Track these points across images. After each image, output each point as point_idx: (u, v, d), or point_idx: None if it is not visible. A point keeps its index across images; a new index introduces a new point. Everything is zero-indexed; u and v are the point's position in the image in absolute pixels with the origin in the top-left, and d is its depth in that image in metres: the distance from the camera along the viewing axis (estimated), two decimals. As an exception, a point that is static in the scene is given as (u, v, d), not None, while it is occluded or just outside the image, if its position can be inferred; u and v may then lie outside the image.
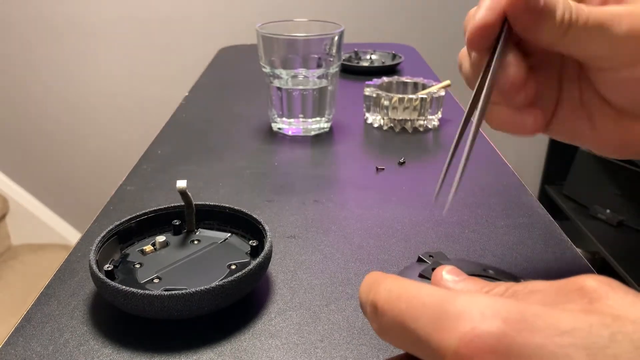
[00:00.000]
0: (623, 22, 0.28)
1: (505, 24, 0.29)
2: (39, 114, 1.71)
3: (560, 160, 1.68)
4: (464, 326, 0.16)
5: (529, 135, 0.33)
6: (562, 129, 0.34)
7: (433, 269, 0.27)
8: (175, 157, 0.60)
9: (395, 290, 0.19)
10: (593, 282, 0.18)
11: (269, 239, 0.37)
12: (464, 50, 0.34)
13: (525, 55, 0.31)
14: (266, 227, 0.38)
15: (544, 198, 1.72)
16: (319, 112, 0.65)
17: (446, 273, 0.23)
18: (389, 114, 0.65)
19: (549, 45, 0.29)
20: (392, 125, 0.67)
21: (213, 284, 0.33)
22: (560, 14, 0.28)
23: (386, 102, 0.65)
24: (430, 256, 0.35)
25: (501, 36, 0.29)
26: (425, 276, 0.33)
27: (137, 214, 0.41)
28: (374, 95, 0.66)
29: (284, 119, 0.65)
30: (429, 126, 0.67)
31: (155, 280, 0.36)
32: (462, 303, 0.17)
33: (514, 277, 0.33)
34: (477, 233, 0.45)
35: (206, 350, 0.32)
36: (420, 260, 0.36)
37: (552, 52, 0.31)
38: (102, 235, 0.37)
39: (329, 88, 0.64)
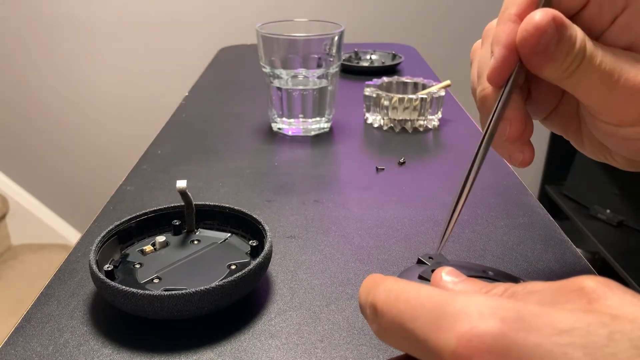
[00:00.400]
0: (633, 83, 0.27)
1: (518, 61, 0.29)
2: (39, 114, 1.71)
3: (560, 160, 1.68)
4: (462, 326, 0.16)
5: (518, 167, 0.34)
6: (554, 126, 0.36)
7: (432, 271, 0.27)
8: (175, 157, 0.60)
9: (394, 291, 0.19)
10: (592, 283, 0.18)
11: (269, 239, 0.37)
12: (478, 44, 0.34)
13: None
14: (266, 227, 0.38)
15: (544, 198, 1.72)
16: (319, 112, 0.65)
17: (445, 274, 0.22)
18: (389, 114, 0.65)
19: (554, 82, 0.29)
20: (392, 125, 0.67)
21: (213, 284, 0.33)
22: (571, 58, 0.27)
23: (386, 102, 0.65)
24: (429, 258, 0.35)
25: (513, 73, 0.29)
26: (424, 278, 0.33)
27: (137, 214, 0.41)
28: (374, 95, 0.66)
29: (284, 119, 0.65)
30: (429, 126, 0.67)
31: (155, 281, 0.36)
32: (461, 303, 0.17)
33: (514, 279, 0.33)
34: (477, 233, 0.45)
35: (206, 350, 0.32)
36: (419, 262, 0.36)
37: None
38: (102, 235, 0.37)
39: (329, 88, 0.64)
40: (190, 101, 0.79)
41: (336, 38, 0.61)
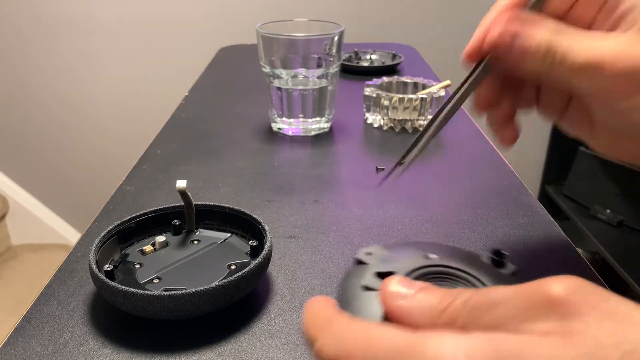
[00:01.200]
0: (617, 62, 0.27)
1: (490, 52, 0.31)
2: (39, 114, 1.71)
3: (560, 160, 1.68)
4: None
5: (506, 146, 0.37)
6: (569, 129, 0.36)
7: (379, 274, 0.25)
8: (175, 157, 0.60)
9: (345, 344, 0.18)
10: (560, 289, 0.17)
11: (269, 239, 0.37)
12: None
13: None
14: (266, 227, 0.38)
15: (544, 198, 1.71)
16: (319, 112, 0.65)
17: (396, 285, 0.20)
18: (389, 114, 0.65)
19: (536, 80, 0.30)
20: (392, 125, 0.66)
21: (213, 284, 0.33)
22: (541, 57, 0.28)
23: (386, 102, 0.65)
24: (368, 254, 0.32)
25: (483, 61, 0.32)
26: (370, 288, 0.28)
27: (137, 214, 0.41)
28: (374, 95, 0.66)
29: (284, 119, 0.65)
30: (429, 126, 0.67)
31: (155, 281, 0.36)
32: (432, 354, 0.16)
33: (458, 254, 0.29)
34: (477, 233, 0.45)
35: (206, 350, 0.32)
36: (359, 262, 0.32)
37: None
38: (102, 235, 0.37)
39: (329, 88, 0.64)
40: (190, 101, 0.79)
41: (336, 38, 0.61)
